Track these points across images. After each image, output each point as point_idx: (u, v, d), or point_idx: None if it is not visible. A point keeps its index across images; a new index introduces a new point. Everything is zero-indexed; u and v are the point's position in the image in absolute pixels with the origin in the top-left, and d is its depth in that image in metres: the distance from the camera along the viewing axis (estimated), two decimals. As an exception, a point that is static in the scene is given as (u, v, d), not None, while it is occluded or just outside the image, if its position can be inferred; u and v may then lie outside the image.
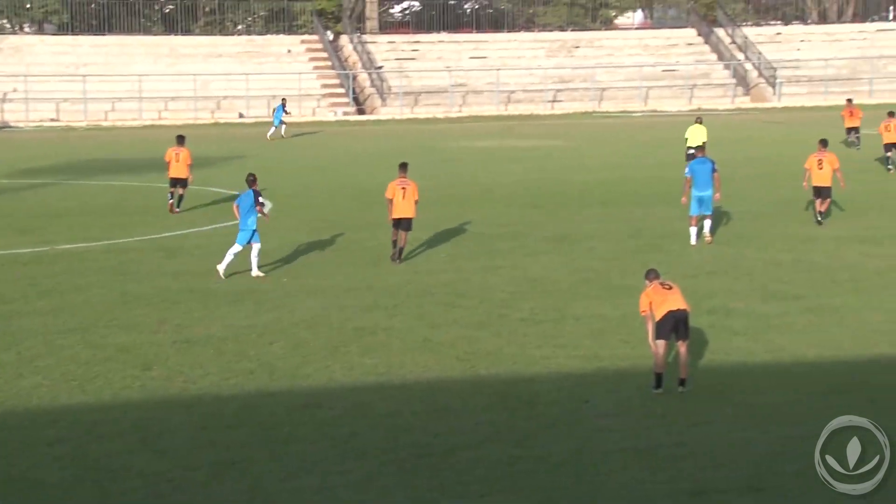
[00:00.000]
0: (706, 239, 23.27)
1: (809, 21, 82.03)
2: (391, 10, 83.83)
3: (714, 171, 23.15)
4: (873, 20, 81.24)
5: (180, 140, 28.98)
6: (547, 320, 17.40)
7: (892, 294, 18.51)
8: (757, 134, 48.36)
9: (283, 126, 51.44)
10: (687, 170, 23.85)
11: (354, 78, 65.67)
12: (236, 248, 20.65)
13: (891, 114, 35.67)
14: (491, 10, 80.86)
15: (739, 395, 13.88)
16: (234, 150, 42.36)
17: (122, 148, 46.96)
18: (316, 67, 66.50)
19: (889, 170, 34.38)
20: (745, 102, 65.70)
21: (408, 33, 74.20)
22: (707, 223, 23.47)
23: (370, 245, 23.93)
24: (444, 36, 72.18)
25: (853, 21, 79.58)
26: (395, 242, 22.04)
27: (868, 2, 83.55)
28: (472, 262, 21.93)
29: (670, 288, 14.17)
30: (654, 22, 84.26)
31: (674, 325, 13.85)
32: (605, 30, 77.41)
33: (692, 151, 30.83)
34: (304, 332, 16.93)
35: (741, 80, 67.79)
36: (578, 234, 24.79)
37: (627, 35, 74.87)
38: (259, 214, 20.67)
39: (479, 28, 74.97)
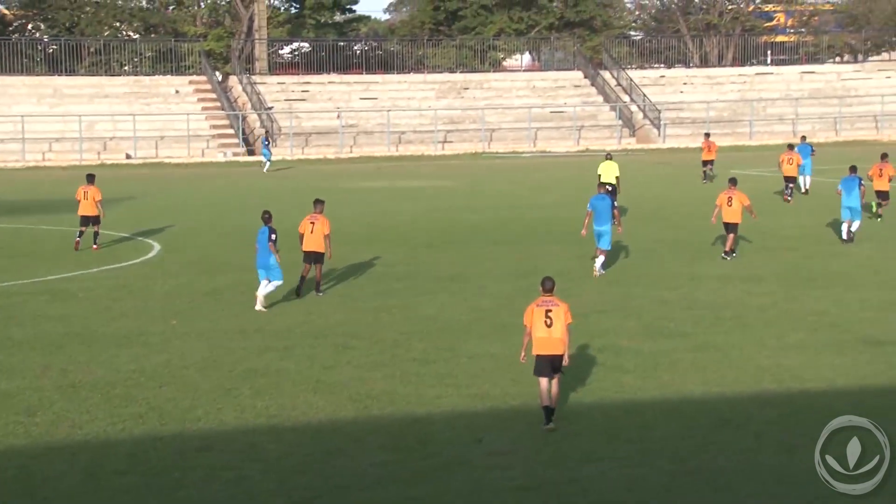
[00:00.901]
0: (594, 273, 24.17)
1: (692, 64, 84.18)
2: (280, 52, 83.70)
3: (614, 207, 24.38)
4: (752, 64, 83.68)
5: (90, 178, 29.57)
6: (439, 360, 17.47)
7: (773, 331, 18.99)
8: (643, 174, 49.28)
9: (268, 163, 54.62)
10: (589, 205, 24.80)
11: (244, 119, 65.32)
12: (277, 283, 21.32)
13: (790, 147, 39.05)
14: (380, 52, 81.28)
15: (630, 431, 14.09)
16: (122, 192, 41.76)
17: (5, 190, 45.94)
18: (205, 108, 66.01)
19: (788, 200, 36.79)
20: (631, 143, 67.00)
21: (297, 74, 74.14)
22: (601, 259, 24.39)
23: (261, 286, 23.74)
24: (334, 77, 72.32)
25: (733, 65, 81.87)
26: (302, 277, 22.39)
27: (747, 46, 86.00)
28: (364, 303, 21.92)
29: (550, 325, 14.24)
30: (542, 64, 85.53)
31: (549, 365, 14.23)
32: (494, 72, 78.35)
33: (608, 188, 31.19)
34: (194, 375, 16.72)
35: (627, 121, 69.14)
36: (470, 274, 24.97)
37: (516, 77, 75.89)
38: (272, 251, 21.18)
39: (369, 69, 75.27)
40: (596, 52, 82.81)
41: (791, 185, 37.54)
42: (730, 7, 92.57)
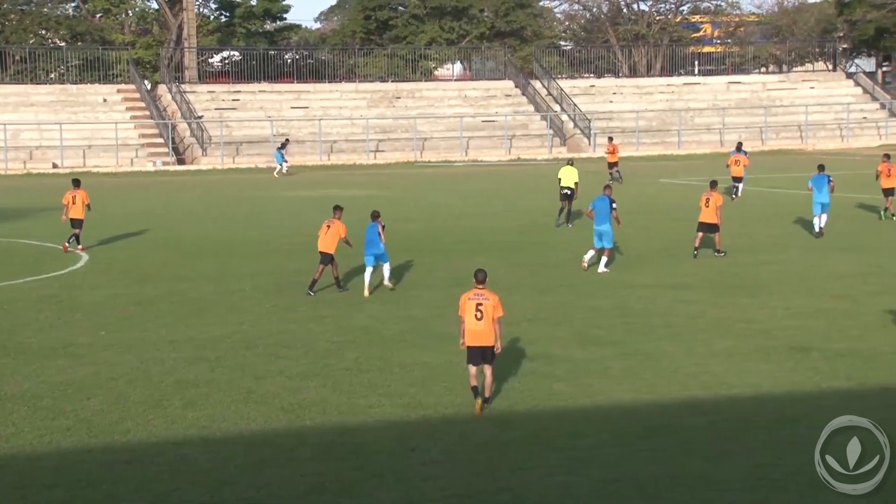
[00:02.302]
0: (600, 270, 25.69)
1: (621, 74, 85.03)
2: (210, 60, 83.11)
3: (612, 208, 25.87)
4: (680, 74, 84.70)
5: (76, 183, 30.42)
6: (372, 369, 17.44)
7: (702, 338, 19.22)
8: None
9: (285, 164, 56.08)
10: (590, 205, 26.38)
11: (174, 128, 64.76)
12: (368, 270, 23.95)
13: (738, 148, 41.95)
14: (312, 61, 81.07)
15: (561, 439, 14.16)
16: (49, 202, 41.16)
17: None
18: (133, 117, 65.36)
19: (733, 198, 39.05)
20: (562, 152, 67.42)
21: (228, 83, 73.67)
22: (604, 259, 25.79)
23: (192, 296, 23.58)
24: (264, 86, 72.00)
25: (661, 75, 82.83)
26: (313, 280, 23.73)
27: (675, 57, 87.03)
28: (296, 313, 21.83)
29: (481, 318, 15.07)
30: (473, 74, 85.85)
31: (479, 355, 15.12)
32: (426, 81, 78.50)
33: (567, 192, 33.61)
34: (123, 387, 16.53)
35: (558, 130, 69.61)
36: (404, 283, 24.97)
37: (447, 86, 76.11)
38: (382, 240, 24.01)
39: (300, 78, 75.03)
40: (526, 61, 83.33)
41: (737, 185, 40.28)
42: (658, 18, 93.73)
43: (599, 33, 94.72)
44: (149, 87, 70.73)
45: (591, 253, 26.19)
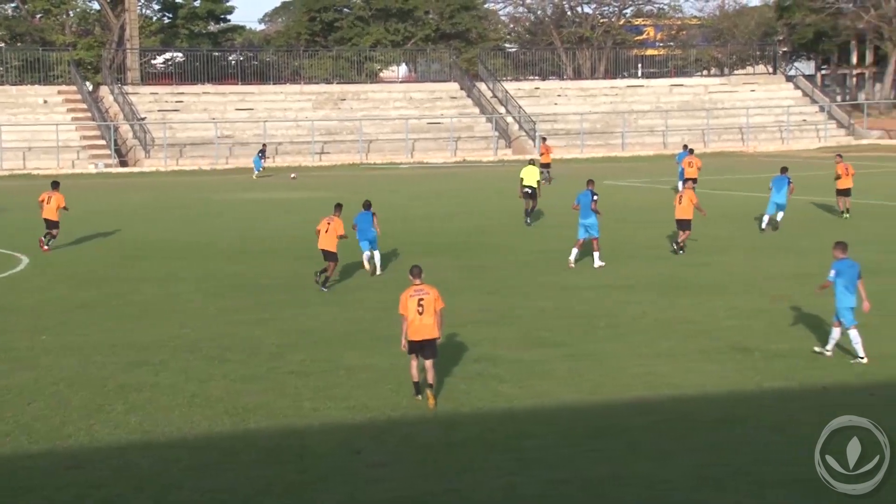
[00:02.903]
0: (596, 265, 26.72)
1: (565, 77, 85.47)
2: (153, 62, 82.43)
3: (594, 201, 27.07)
4: (624, 77, 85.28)
5: (55, 185, 31.26)
6: (317, 372, 17.37)
7: (646, 339, 19.34)
8: (516, 186, 49.73)
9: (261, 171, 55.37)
10: (576, 200, 27.54)
11: (116, 129, 64.12)
12: (366, 254, 26.47)
13: (690, 151, 42.12)
14: (256, 63, 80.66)
15: (507, 440, 14.18)
16: (-12, 204, 40.64)
17: None
18: (75, 119, 64.62)
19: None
20: (507, 154, 67.66)
21: (171, 85, 73.09)
22: (596, 254, 26.87)
23: (134, 299, 23.35)
24: (208, 87, 71.51)
25: (605, 77, 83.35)
26: (323, 270, 24.48)
27: (618, 59, 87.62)
28: (241, 315, 21.69)
29: (422, 312, 15.54)
30: (418, 76, 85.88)
31: (419, 348, 15.61)
32: (371, 83, 78.40)
33: (528, 190, 34.77)
34: (64, 391, 16.32)
35: (503, 132, 69.80)
36: (349, 285, 24.90)
37: (392, 88, 76.04)
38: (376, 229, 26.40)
39: (245, 80, 74.61)
40: (472, 63, 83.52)
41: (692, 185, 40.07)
42: (601, 21, 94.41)
43: (544, 36, 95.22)
44: (90, 88, 69.98)
45: (576, 251, 27.08)
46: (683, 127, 72.28)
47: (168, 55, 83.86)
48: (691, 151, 42.64)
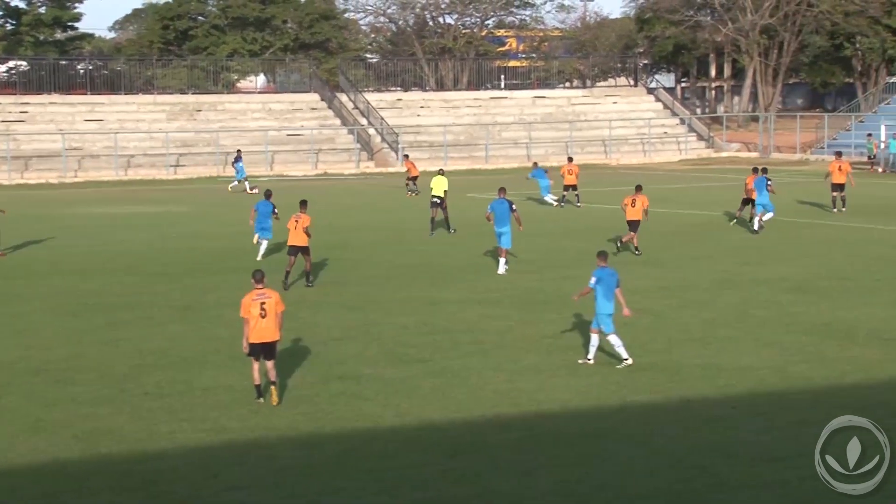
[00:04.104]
0: (500, 271, 27.77)
1: (428, 88, 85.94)
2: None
3: (512, 210, 28.00)
4: (487, 88, 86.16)
5: None
6: (173, 393, 17.08)
7: (510, 354, 19.53)
8: (381, 198, 49.86)
9: (246, 182, 52.82)
10: (489, 208, 28.52)
11: (-43, 140, 62.10)
12: (268, 240, 30.48)
13: (570, 159, 46.90)
14: (107, 72, 79.09)
15: (370, 461, 14.16)
16: None
17: None
18: (-89, 129, 62.37)
19: (579, 206, 43.08)
20: (369, 167, 67.65)
21: (14, 94, 71.11)
22: (502, 260, 27.92)
23: (-23, 321, 22.61)
24: (55, 97, 69.85)
25: (468, 89, 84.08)
26: (287, 272, 26.04)
27: (481, 71, 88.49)
28: (91, 335, 21.20)
29: (265, 315, 16.36)
30: (277, 86, 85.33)
31: (261, 351, 16.39)
32: (228, 93, 77.59)
33: (436, 200, 35.74)
34: None
35: (365, 144, 69.78)
36: (206, 302, 24.56)
37: (251, 99, 75.37)
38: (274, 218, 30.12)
39: (94, 90, 73.07)
40: (332, 74, 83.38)
41: (566, 193, 43.73)
42: (464, 31, 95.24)
43: (406, 46, 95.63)
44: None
45: (503, 259, 28.10)
46: (547, 139, 73.31)
47: (11, 63, 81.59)
48: (570, 160, 46.98)
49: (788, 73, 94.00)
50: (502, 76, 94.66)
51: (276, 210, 30.55)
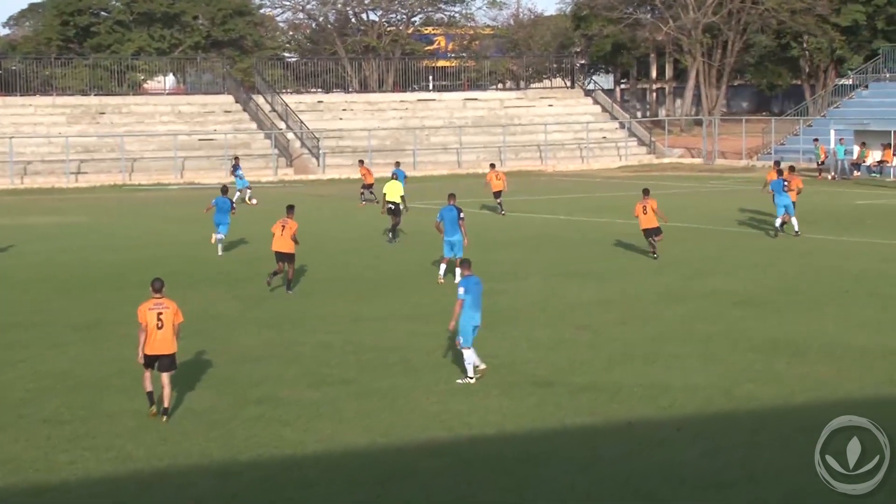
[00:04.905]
0: (439, 280, 28.41)
1: (351, 89, 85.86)
2: None
3: (461, 218, 28.46)
4: (414, 90, 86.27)
5: None
6: (75, 419, 16.87)
7: (441, 374, 19.52)
8: (302, 207, 49.60)
9: (248, 191, 51.84)
10: (438, 216, 28.97)
11: None
12: (224, 234, 33.75)
13: (492, 165, 49.62)
14: (0, 71, 77.99)
15: (289, 490, 14.08)
16: None
17: None
18: None
19: (502, 214, 44.10)
20: (288, 174, 67.41)
21: None
22: (458, 270, 26.44)
23: None
24: (-55, 98, 68.74)
25: (394, 90, 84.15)
26: (275, 272, 27.36)
27: (408, 71, 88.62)
28: (-16, 358, 20.85)
29: (161, 326, 16.84)
30: (188, 87, 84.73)
31: (157, 362, 16.95)
32: (134, 95, 76.93)
33: (391, 206, 36.57)
34: None
35: (283, 150, 69.53)
36: (111, 320, 24.29)
37: (159, 101, 74.78)
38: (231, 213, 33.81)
39: (-12, 91, 72.08)
40: (247, 74, 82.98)
41: (499, 200, 44.69)
42: (389, 29, 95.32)
43: (327, 45, 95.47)
44: None
45: (444, 266, 28.60)
46: (478, 144, 73.58)
47: None
48: (493, 166, 48.93)
49: (733, 74, 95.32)
50: (430, 77, 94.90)
51: (234, 206, 34.59)
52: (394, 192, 36.95)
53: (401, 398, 18.03)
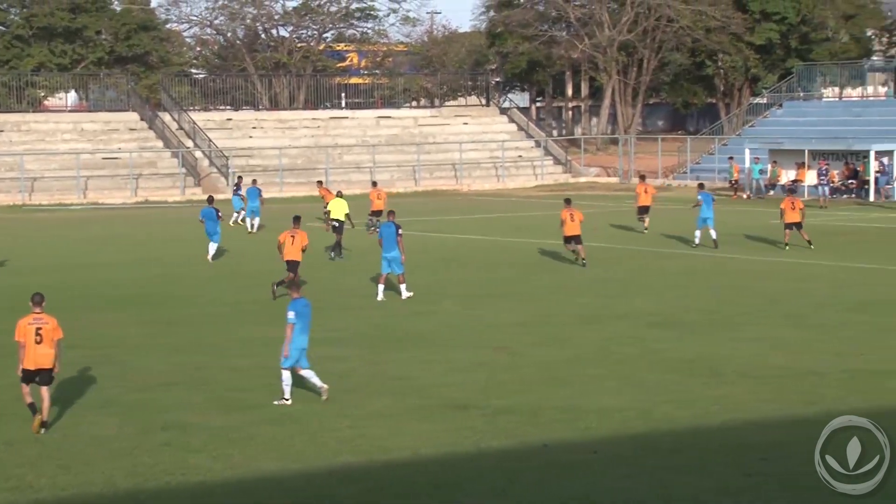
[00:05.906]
0: (403, 296, 29.18)
1: (261, 107, 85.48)
2: None
3: (398, 234, 28.91)
4: (326, 107, 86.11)
5: None
6: (-29, 449, 16.59)
7: (355, 398, 19.49)
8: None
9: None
10: (378, 232, 30.22)
11: None
12: (217, 244, 36.64)
13: (374, 183, 48.57)
14: None
15: (199, 519, 13.97)
16: None
17: None
18: None
19: (370, 232, 42.66)
20: (196, 193, 66.84)
21: None
22: (403, 286, 29.24)
23: None
24: None
25: (306, 108, 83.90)
26: (282, 281, 28.62)
27: (320, 88, 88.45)
28: None
29: (41, 341, 17.30)
30: (91, 104, 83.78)
31: (37, 377, 17.40)
32: (34, 112, 75.87)
33: (335, 224, 37.84)
34: None
35: (191, 169, 69.01)
36: (6, 345, 23.81)
37: (60, 118, 73.80)
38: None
39: None
40: (153, 91, 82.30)
41: (372, 218, 44.20)
42: (299, 45, 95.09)
43: (236, 61, 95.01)
44: None
45: (382, 287, 29.16)
46: (392, 163, 73.64)
47: None
48: (375, 184, 48.91)
49: (649, 92, 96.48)
50: (343, 94, 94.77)
51: (219, 213, 37.22)
52: (339, 209, 38.01)
53: (314, 423, 17.99)
